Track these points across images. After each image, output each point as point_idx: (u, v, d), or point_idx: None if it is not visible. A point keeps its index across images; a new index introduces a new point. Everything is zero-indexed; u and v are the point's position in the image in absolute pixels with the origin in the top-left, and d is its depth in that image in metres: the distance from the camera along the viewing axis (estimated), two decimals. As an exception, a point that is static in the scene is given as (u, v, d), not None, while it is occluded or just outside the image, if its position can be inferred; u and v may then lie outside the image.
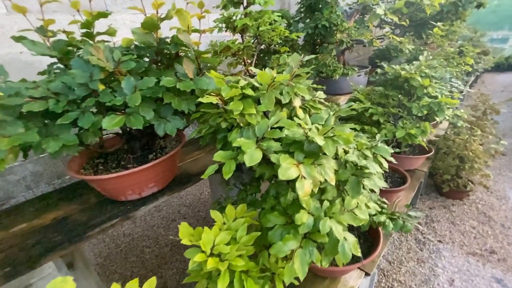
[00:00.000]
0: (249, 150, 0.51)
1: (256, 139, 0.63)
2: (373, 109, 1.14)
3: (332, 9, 1.40)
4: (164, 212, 1.95)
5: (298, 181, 0.45)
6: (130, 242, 1.69)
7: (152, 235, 1.73)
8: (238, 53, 1.15)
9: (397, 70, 1.11)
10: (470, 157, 1.59)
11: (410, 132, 1.04)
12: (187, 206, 1.99)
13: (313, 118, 0.72)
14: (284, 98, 0.68)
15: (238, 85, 0.66)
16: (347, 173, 0.68)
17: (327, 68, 1.43)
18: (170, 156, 0.87)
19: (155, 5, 0.66)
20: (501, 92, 4.35)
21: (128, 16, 1.46)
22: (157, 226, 1.82)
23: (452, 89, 1.72)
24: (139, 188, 0.86)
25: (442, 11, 2.57)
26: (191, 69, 0.74)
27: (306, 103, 0.74)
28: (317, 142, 0.50)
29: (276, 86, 0.71)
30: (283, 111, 0.71)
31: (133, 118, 0.67)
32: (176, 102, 0.72)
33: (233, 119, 0.64)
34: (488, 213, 1.63)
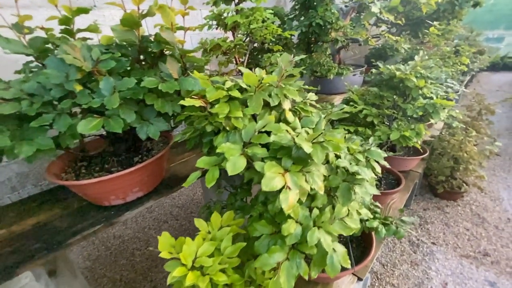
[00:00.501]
0: (232, 157, 0.48)
1: (243, 144, 0.60)
2: (367, 110, 1.11)
3: (327, 6, 1.37)
4: (156, 214, 1.91)
5: (283, 192, 0.42)
6: (120, 244, 1.65)
7: (143, 237, 1.70)
8: (228, 51, 1.11)
9: (392, 70, 1.08)
10: (464, 158, 1.58)
11: (405, 134, 1.02)
12: (179, 207, 1.96)
13: (303, 121, 0.69)
14: (272, 101, 0.65)
15: (224, 86, 0.62)
16: (338, 179, 0.65)
17: (321, 68, 1.40)
18: (157, 159, 0.84)
19: (136, 0, 0.62)
20: (496, 92, 4.37)
21: (119, 12, 1.41)
22: (148, 227, 1.79)
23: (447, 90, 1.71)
24: (123, 193, 0.82)
25: (438, 9, 2.54)
26: (176, 69, 0.70)
27: (297, 106, 0.71)
28: (304, 148, 0.47)
29: (264, 87, 0.67)
30: (272, 114, 0.68)
31: (113, 121, 0.63)
32: (159, 104, 0.68)
33: (218, 123, 0.60)
34: (482, 215, 1.63)
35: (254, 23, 1.01)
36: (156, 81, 0.65)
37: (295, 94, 0.65)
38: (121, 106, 0.65)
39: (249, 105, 0.63)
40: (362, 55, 3.18)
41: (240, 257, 0.59)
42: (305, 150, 0.47)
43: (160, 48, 0.69)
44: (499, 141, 2.62)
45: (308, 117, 0.69)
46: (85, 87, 0.66)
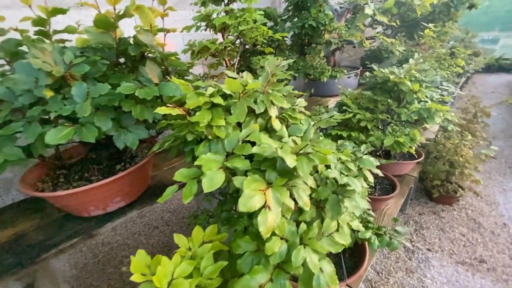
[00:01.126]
0: (210, 172, 0.44)
1: (226, 154, 0.56)
2: (360, 115, 1.08)
3: (320, 8, 1.33)
4: (147, 219, 1.86)
5: (261, 213, 0.38)
6: (109, 251, 1.60)
7: (132, 244, 1.65)
8: (217, 53, 1.07)
9: (385, 74, 1.05)
10: (460, 162, 1.56)
11: (399, 140, 0.98)
12: (171, 212, 1.91)
13: (291, 129, 0.65)
14: (258, 108, 0.61)
15: (206, 92, 0.58)
16: (328, 191, 0.62)
17: (314, 70, 1.37)
18: (139, 167, 0.79)
19: (112, 0, 0.58)
20: (492, 93, 4.38)
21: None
22: (138, 233, 1.74)
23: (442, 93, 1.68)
24: (103, 203, 0.78)
25: (434, 11, 2.53)
26: (156, 73, 0.66)
27: (285, 112, 0.67)
28: (287, 161, 0.43)
29: (249, 93, 0.64)
30: (258, 121, 0.64)
31: (86, 129, 0.58)
32: (137, 111, 0.64)
33: (200, 132, 0.56)
34: (477, 220, 1.60)
35: (243, 24, 0.98)
36: (134, 87, 0.61)
37: (281, 101, 0.61)
38: (97, 113, 0.61)
39: (233, 113, 0.59)
40: (358, 56, 3.16)
41: (224, 275, 0.55)
42: (288, 164, 0.43)
43: (138, 51, 0.64)
44: (495, 143, 2.61)
45: (296, 124, 0.66)
46: (58, 93, 0.62)
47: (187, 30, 1.02)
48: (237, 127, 0.64)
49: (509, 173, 2.09)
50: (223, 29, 1.07)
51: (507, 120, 3.16)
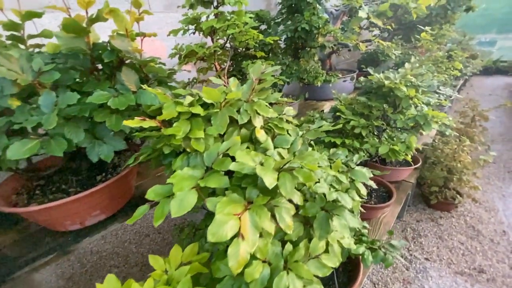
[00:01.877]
0: (180, 193, 0.40)
1: (205, 169, 0.52)
2: (354, 121, 1.04)
3: (314, 11, 1.30)
4: (137, 226, 1.81)
5: (233, 244, 0.34)
6: (97, 261, 1.55)
7: (122, 253, 1.60)
8: (206, 58, 1.03)
9: (380, 79, 1.01)
10: (458, 168, 1.52)
11: (394, 148, 0.94)
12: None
13: (277, 141, 0.61)
14: (241, 118, 0.57)
15: (185, 102, 0.54)
16: (316, 207, 0.58)
17: (308, 75, 1.33)
18: (121, 177, 0.75)
19: (83, 3, 0.54)
20: (489, 96, 4.36)
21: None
22: (128, 241, 1.69)
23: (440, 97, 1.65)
24: (80, 217, 0.73)
25: (431, 14, 2.51)
26: (133, 81, 0.62)
27: (271, 122, 0.63)
28: (265, 181, 0.39)
29: (232, 102, 0.59)
30: (242, 132, 0.60)
31: (54, 142, 0.54)
32: (113, 121, 0.59)
33: (177, 144, 0.52)
34: (476, 227, 1.56)
35: (231, 28, 0.94)
36: (107, 95, 0.57)
37: (267, 111, 0.57)
38: (68, 124, 0.57)
39: (213, 124, 0.55)
40: (355, 59, 3.14)
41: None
42: (266, 184, 0.39)
43: (113, 57, 0.60)
44: (493, 147, 2.58)
45: (283, 135, 0.62)
46: (27, 102, 0.58)
47: (174, 34, 0.98)
48: (219, 139, 0.59)
49: (508, 178, 2.06)
50: (212, 33, 1.03)
51: (505, 123, 3.13)
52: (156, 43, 1.53)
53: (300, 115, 1.74)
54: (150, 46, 1.54)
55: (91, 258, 1.57)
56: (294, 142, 0.61)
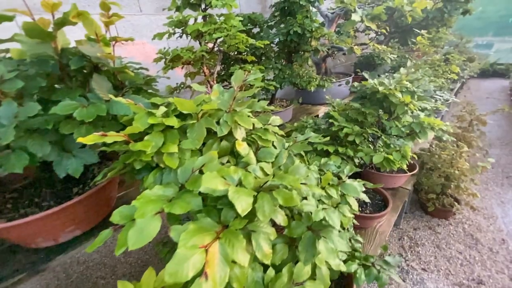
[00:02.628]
0: (141, 221, 0.35)
1: (179, 187, 0.48)
2: (348, 129, 1.00)
3: (307, 13, 1.26)
4: (127, 234, 1.75)
5: (194, 285, 0.29)
6: (84, 271, 1.49)
7: (109, 263, 1.54)
8: (193, 62, 0.99)
9: (374, 85, 0.97)
10: (456, 175, 1.48)
11: (389, 157, 0.90)
12: (153, 227, 1.80)
13: (260, 154, 0.57)
14: (220, 130, 0.53)
15: (157, 113, 0.50)
16: (302, 227, 0.53)
17: (301, 79, 1.29)
18: (98, 189, 0.71)
19: (48, 5, 0.49)
20: (487, 99, 4.34)
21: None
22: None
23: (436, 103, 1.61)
24: (52, 234, 0.69)
25: (427, 17, 2.49)
26: (106, 89, 0.58)
27: (254, 133, 0.59)
28: (237, 208, 0.34)
29: (212, 113, 0.55)
30: (222, 145, 0.55)
31: (14, 156, 0.49)
32: (82, 132, 0.55)
33: (147, 160, 0.48)
34: (475, 235, 1.52)
35: (218, 31, 0.90)
36: (74, 106, 0.52)
37: (248, 123, 0.53)
38: (32, 136, 0.52)
39: (189, 137, 0.50)
40: (352, 62, 3.11)
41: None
42: (238, 211, 0.34)
43: (81, 63, 0.56)
44: (491, 151, 2.55)
45: (267, 148, 0.57)
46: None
47: (159, 38, 0.94)
48: (197, 152, 0.55)
49: (506, 184, 2.02)
50: (199, 36, 0.99)
51: (503, 127, 3.11)
52: (147, 47, 1.49)
53: (294, 120, 1.69)
54: (141, 51, 1.50)
55: (78, 268, 1.51)
56: (279, 155, 0.56)
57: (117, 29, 1.39)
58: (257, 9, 2.10)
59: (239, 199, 0.35)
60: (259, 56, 1.36)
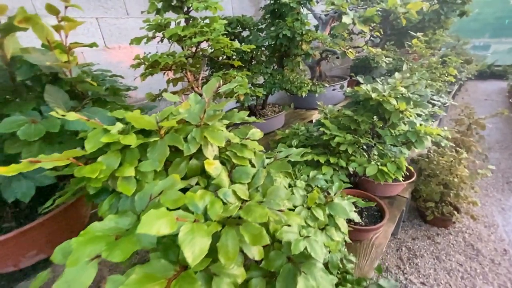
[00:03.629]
0: (72, 270, 0.28)
1: (137, 216, 0.41)
2: (340, 138, 0.94)
3: (298, 16, 1.20)
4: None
5: None
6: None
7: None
8: (171, 68, 0.93)
9: (367, 91, 0.91)
10: (455, 183, 1.42)
11: (383, 169, 0.84)
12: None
13: (236, 174, 0.50)
14: (187, 147, 0.46)
15: (112, 130, 0.43)
16: (282, 258, 0.47)
17: (292, 85, 1.23)
18: (66, 208, 0.64)
19: (-11, 9, 0.43)
20: (485, 101, 4.30)
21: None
22: (103, 263, 1.56)
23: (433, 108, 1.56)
24: (12, 259, 0.62)
25: (423, 19, 2.44)
26: (62, 101, 0.51)
27: (229, 149, 0.52)
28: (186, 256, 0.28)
29: (179, 128, 0.49)
30: (192, 164, 0.49)
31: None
32: (34, 151, 0.48)
33: (98, 185, 0.41)
34: (476, 245, 1.46)
35: (199, 36, 0.84)
36: (20, 122, 0.46)
37: (219, 140, 0.46)
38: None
39: (149, 157, 0.44)
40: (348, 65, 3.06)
41: None
42: (187, 260, 0.28)
43: (29, 74, 0.49)
44: (490, 155, 2.50)
45: (243, 166, 0.51)
46: None
47: (136, 42, 0.88)
48: (163, 173, 0.49)
49: (507, 189, 1.96)
50: (181, 41, 0.93)
51: (502, 129, 3.06)
52: (135, 51, 1.43)
53: (286, 125, 1.63)
54: (129, 55, 1.44)
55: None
56: (256, 175, 0.50)
57: (103, 33, 1.33)
58: (250, 11, 2.04)
59: (191, 242, 0.29)
60: (248, 60, 1.30)
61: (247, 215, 0.34)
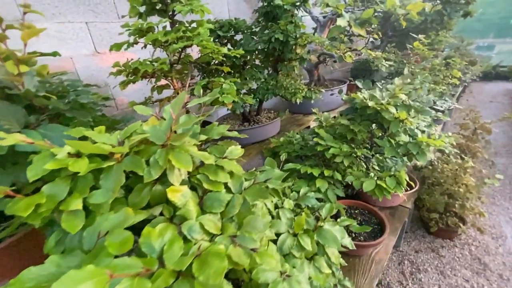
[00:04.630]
0: None
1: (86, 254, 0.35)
2: (335, 149, 0.87)
3: (292, 18, 1.14)
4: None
5: None
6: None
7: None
8: (153, 75, 0.87)
9: (364, 99, 0.84)
10: (460, 193, 1.34)
11: (381, 184, 0.77)
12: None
13: (207, 201, 0.44)
14: (148, 173, 0.40)
15: (59, 154, 0.37)
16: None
17: (285, 91, 1.16)
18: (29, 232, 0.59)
19: None
20: (490, 103, 4.20)
21: (54, 26, 1.19)
22: None
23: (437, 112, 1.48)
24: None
25: (426, 20, 2.37)
26: (15, 118, 0.45)
27: (202, 172, 0.46)
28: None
29: (141, 149, 0.43)
30: (156, 190, 0.43)
31: None
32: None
33: (37, 222, 0.35)
34: (483, 259, 1.37)
35: (181, 41, 0.78)
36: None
37: (186, 164, 0.40)
38: None
39: (102, 185, 0.38)
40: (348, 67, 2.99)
41: None
42: None
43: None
44: (497, 160, 2.40)
45: (216, 193, 0.44)
46: None
47: (116, 49, 0.82)
48: (123, 200, 0.42)
49: (515, 197, 1.87)
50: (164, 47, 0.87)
51: (508, 133, 2.96)
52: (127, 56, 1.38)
53: (282, 132, 1.57)
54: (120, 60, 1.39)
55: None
56: (231, 203, 0.43)
57: (93, 38, 1.29)
58: (247, 14, 1.99)
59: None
60: (240, 65, 1.24)
61: (200, 270, 0.27)
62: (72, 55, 1.25)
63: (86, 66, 1.34)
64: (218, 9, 1.86)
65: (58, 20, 1.18)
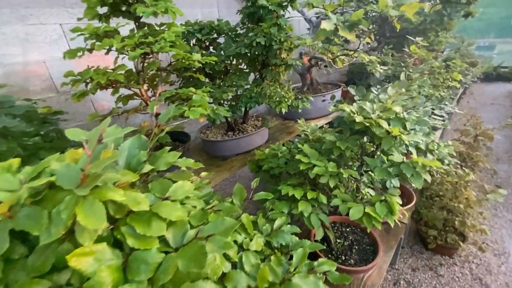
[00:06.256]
0: None
1: None
2: (319, 168, 0.77)
3: (277, 20, 1.04)
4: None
5: None
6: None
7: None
8: (113, 85, 0.77)
9: (350, 113, 0.74)
10: (460, 209, 1.24)
11: (369, 212, 0.67)
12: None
13: (132, 264, 0.34)
14: (47, 233, 0.30)
15: None
16: None
17: (269, 100, 1.06)
18: None
19: None
20: (491, 105, 4.09)
21: (24, 28, 1.10)
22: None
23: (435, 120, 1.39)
24: None
25: (425, 21, 2.26)
26: None
27: (129, 222, 0.36)
28: None
29: (47, 197, 0.33)
30: (61, 249, 0.33)
31: None
32: None
33: None
34: (484, 279, 1.28)
35: (139, 48, 0.68)
36: None
37: (98, 220, 0.30)
38: None
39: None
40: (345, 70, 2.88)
41: None
42: None
43: None
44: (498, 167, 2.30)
45: (145, 252, 0.34)
46: None
47: (69, 56, 0.72)
48: (25, 265, 0.32)
49: (518, 208, 1.77)
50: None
51: (511, 138, 2.86)
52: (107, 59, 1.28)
53: (270, 141, 1.47)
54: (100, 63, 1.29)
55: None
56: (163, 266, 0.33)
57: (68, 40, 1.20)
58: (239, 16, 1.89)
59: None
60: (221, 71, 1.14)
61: None
62: (45, 59, 1.16)
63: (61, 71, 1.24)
64: (206, 10, 1.76)
65: (29, 22, 1.09)
